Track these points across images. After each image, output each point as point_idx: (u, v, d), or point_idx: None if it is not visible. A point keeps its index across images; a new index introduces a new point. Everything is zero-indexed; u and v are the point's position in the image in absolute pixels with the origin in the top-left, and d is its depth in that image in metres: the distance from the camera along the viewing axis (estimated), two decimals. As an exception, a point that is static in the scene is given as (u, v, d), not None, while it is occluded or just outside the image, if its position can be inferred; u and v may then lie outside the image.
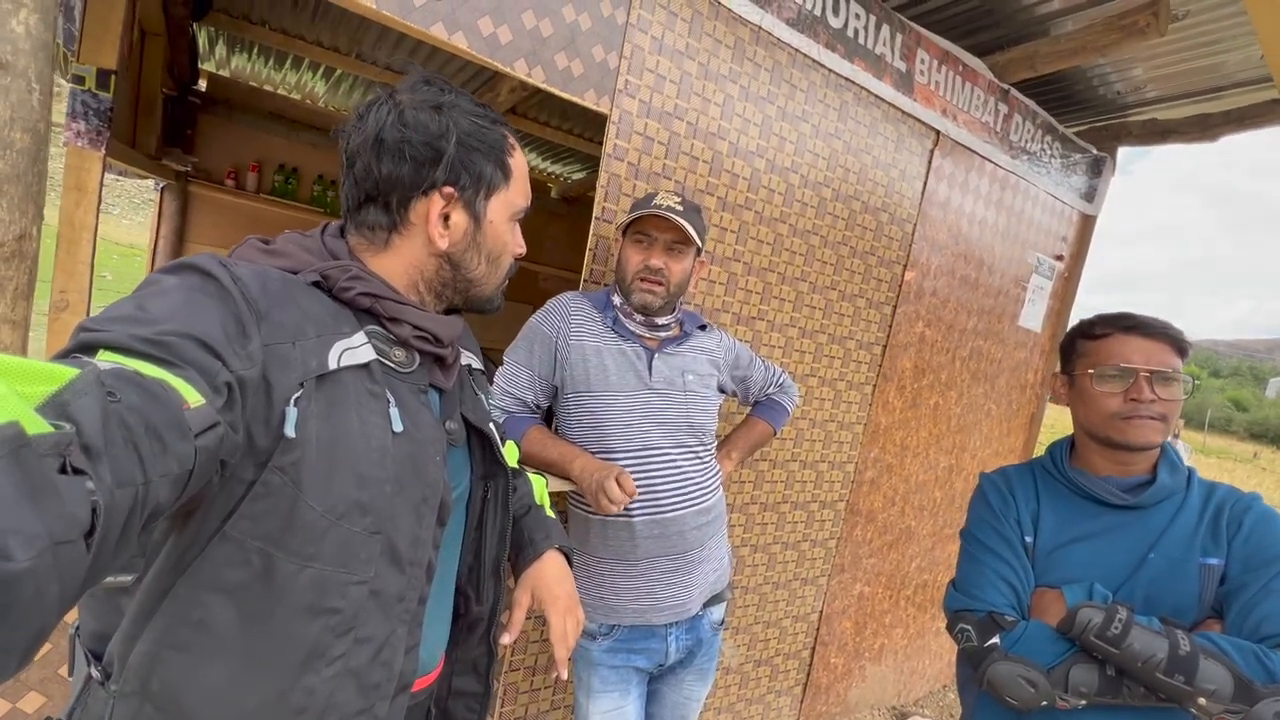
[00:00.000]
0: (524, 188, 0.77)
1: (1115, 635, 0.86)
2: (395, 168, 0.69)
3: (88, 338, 0.48)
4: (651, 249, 1.31)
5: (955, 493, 2.81)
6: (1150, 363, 0.98)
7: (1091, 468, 1.06)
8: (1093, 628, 0.88)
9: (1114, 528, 1.01)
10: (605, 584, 1.35)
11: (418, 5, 1.21)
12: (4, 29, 0.88)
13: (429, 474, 0.70)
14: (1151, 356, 0.99)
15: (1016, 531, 1.07)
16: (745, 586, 2.14)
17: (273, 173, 3.86)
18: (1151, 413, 0.97)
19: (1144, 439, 0.98)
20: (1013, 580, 1.03)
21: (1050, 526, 1.06)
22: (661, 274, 1.30)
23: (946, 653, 3.08)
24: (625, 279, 1.33)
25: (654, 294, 1.31)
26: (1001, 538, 1.07)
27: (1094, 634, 0.87)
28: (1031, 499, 1.09)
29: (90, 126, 1.65)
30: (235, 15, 3.07)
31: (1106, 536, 1.01)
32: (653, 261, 1.30)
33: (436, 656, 0.85)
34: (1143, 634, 0.86)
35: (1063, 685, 0.90)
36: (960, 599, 1.06)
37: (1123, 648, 0.85)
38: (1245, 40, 2.17)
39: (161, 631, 0.58)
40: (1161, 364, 0.98)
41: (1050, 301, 2.95)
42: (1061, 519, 1.06)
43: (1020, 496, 1.10)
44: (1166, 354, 0.99)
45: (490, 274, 0.77)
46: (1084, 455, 1.08)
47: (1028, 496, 1.10)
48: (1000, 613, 1.00)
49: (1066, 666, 0.91)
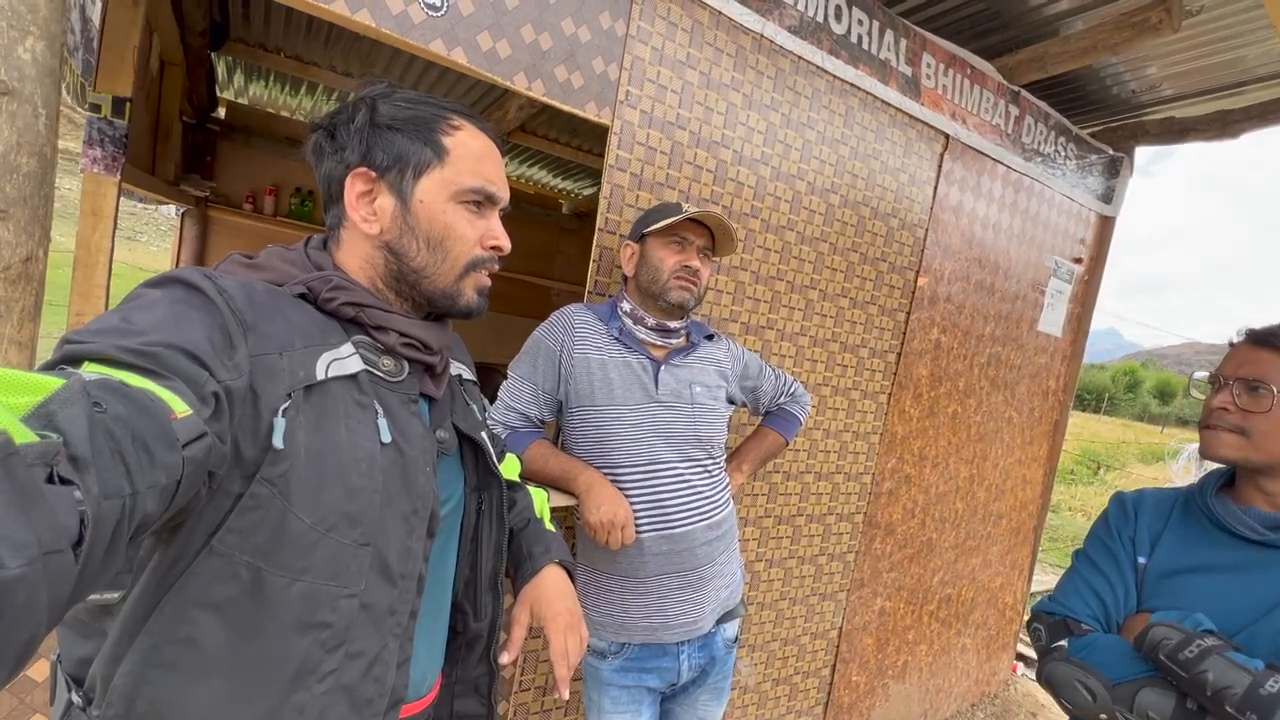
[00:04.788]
0: (474, 168, 0.72)
1: (1187, 659, 0.79)
2: (323, 162, 0.72)
3: (73, 349, 0.48)
4: (686, 250, 1.33)
5: (977, 503, 2.74)
6: (1240, 370, 0.92)
7: (1240, 498, 0.95)
8: (1165, 647, 0.81)
9: (1246, 565, 0.91)
10: (614, 601, 1.32)
11: (417, 23, 1.22)
12: (11, 56, 0.90)
13: (418, 484, 0.69)
14: (1243, 364, 0.92)
15: (1128, 550, 1.00)
16: (761, 602, 2.09)
17: (289, 196, 3.93)
18: (1224, 423, 0.91)
19: (1211, 450, 0.93)
20: (1103, 593, 0.98)
21: (1168, 550, 0.97)
22: (697, 275, 1.32)
23: (974, 670, 2.98)
24: (660, 278, 1.32)
25: (690, 292, 1.33)
26: (1108, 553, 1.02)
27: (1164, 653, 0.81)
28: (1159, 521, 1.01)
29: (106, 153, 1.69)
30: (251, 44, 3.16)
31: (1234, 573, 0.91)
32: (692, 262, 1.32)
33: (431, 676, 0.83)
34: (1224, 666, 0.78)
35: (1127, 704, 0.84)
36: (1045, 603, 1.03)
37: (1194, 673, 0.78)
38: (1264, 34, 2.12)
39: (147, 650, 0.57)
40: (1246, 372, 0.91)
41: (1070, 305, 2.88)
42: (1183, 544, 0.97)
43: (1145, 516, 1.02)
44: (1258, 362, 0.91)
45: (435, 262, 0.72)
46: (1239, 484, 0.97)
47: (1156, 518, 1.02)
48: (1077, 619, 0.96)
49: (1135, 686, 0.84)
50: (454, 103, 0.74)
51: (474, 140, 0.73)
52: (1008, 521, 2.92)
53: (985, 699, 3.08)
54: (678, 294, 1.32)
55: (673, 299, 1.32)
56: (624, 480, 1.29)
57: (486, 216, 0.75)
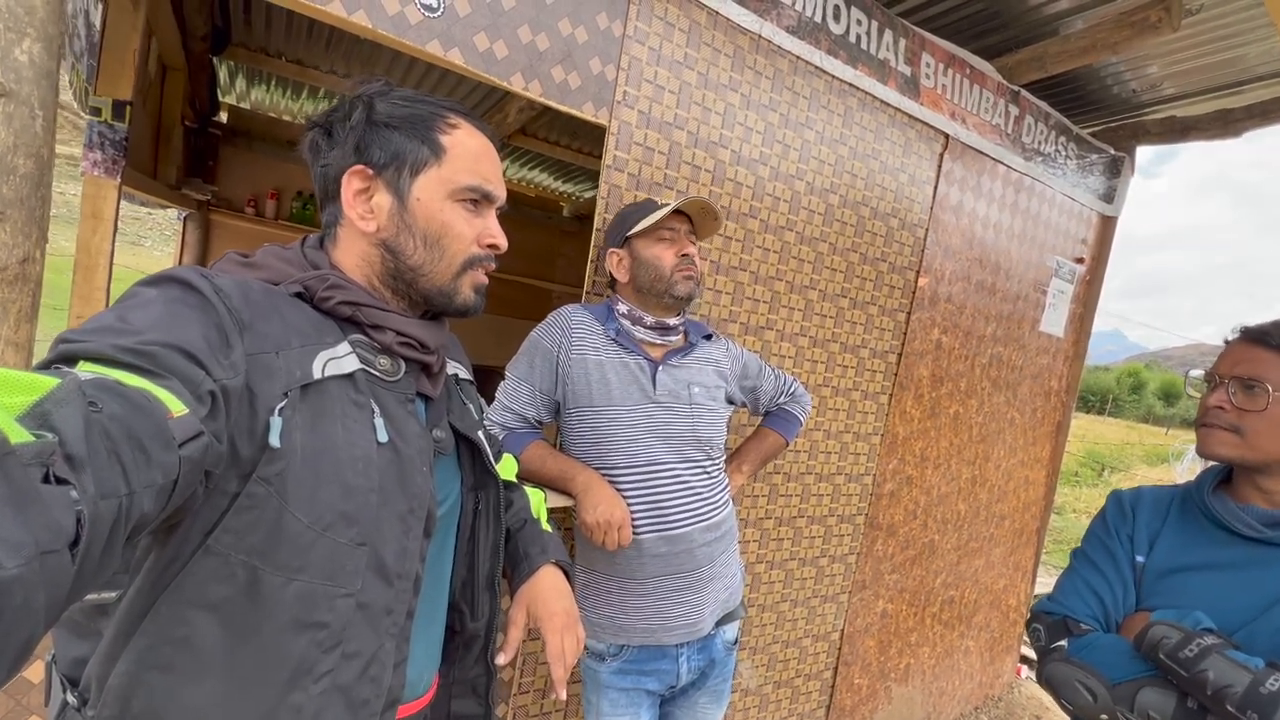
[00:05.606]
0: (471, 166, 0.72)
1: (1187, 658, 0.79)
2: (319, 160, 0.72)
3: (68, 349, 0.48)
4: (678, 241, 1.33)
5: (979, 505, 2.72)
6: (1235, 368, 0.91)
7: (1237, 495, 0.95)
8: (1165, 645, 0.81)
9: (1245, 563, 0.90)
10: (612, 603, 1.31)
11: (413, 24, 1.22)
12: (7, 57, 0.90)
13: (414, 484, 0.69)
14: (1238, 363, 0.91)
15: (1126, 549, 1.00)
16: (762, 605, 2.08)
17: (291, 199, 3.95)
18: (1220, 422, 0.91)
19: (1208, 449, 0.92)
20: (1102, 593, 0.97)
21: (1166, 548, 0.97)
22: (693, 260, 1.34)
23: (977, 673, 2.96)
24: (663, 275, 1.32)
25: (694, 279, 1.34)
26: (1106, 552, 1.01)
27: (1164, 652, 0.81)
28: (1157, 519, 1.00)
29: (106, 156, 1.69)
30: (253, 48, 3.17)
31: (1233, 570, 0.90)
32: (687, 250, 1.33)
33: (427, 676, 0.82)
34: (1224, 665, 0.77)
35: (1128, 704, 0.84)
36: (1044, 603, 1.03)
37: (1194, 672, 0.78)
38: (1264, 32, 2.12)
39: (143, 651, 0.57)
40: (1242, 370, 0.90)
41: (1072, 306, 2.87)
42: (1181, 543, 0.96)
43: (1144, 514, 1.02)
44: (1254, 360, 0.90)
45: (432, 260, 0.72)
46: (1236, 482, 0.96)
47: (1153, 516, 1.01)
48: (1076, 619, 0.96)
49: (1136, 685, 0.84)
50: (451, 101, 0.74)
51: (471, 139, 0.73)
52: (1010, 523, 2.91)
53: (989, 702, 3.06)
54: (684, 285, 1.32)
55: (680, 292, 1.32)
56: (622, 481, 1.28)
57: (483, 215, 0.75)
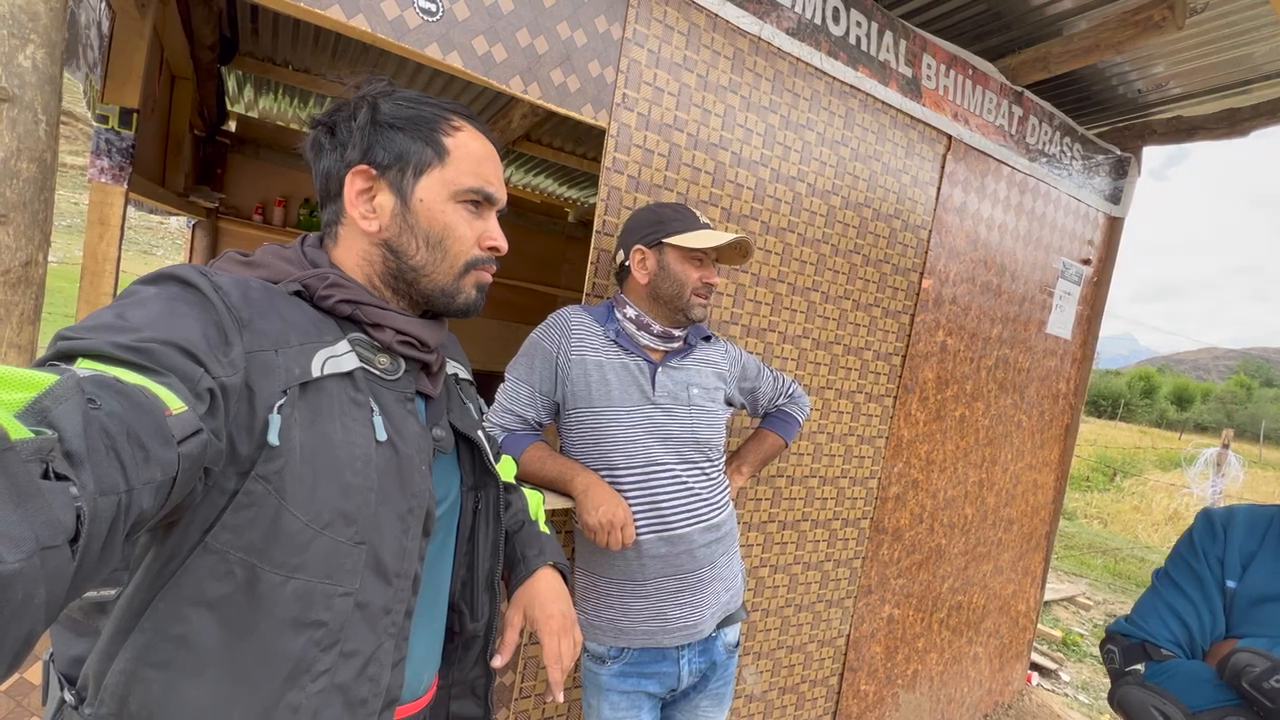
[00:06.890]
0: (474, 169, 0.73)
1: (1273, 689, 0.75)
2: (322, 159, 0.72)
3: (66, 346, 0.48)
4: (706, 265, 1.33)
5: (987, 509, 2.69)
6: None
7: None
8: (1249, 673, 0.78)
9: None
10: (612, 605, 1.30)
11: (412, 27, 1.23)
12: (11, 63, 0.91)
13: (413, 483, 0.69)
14: None
15: (1215, 572, 0.95)
16: (766, 609, 2.06)
17: (298, 207, 3.98)
18: None
19: None
20: (1187, 618, 0.92)
21: (1261, 574, 0.91)
22: (714, 289, 1.34)
23: (986, 680, 2.93)
24: (684, 293, 1.31)
25: (707, 305, 1.35)
26: (1193, 574, 0.96)
27: (1248, 680, 0.77)
28: (1252, 540, 0.95)
29: (113, 163, 1.71)
30: (260, 57, 3.21)
31: None
32: (713, 280, 1.32)
33: (427, 677, 0.82)
34: None
35: None
36: (1121, 623, 0.98)
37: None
38: (1271, 30, 2.10)
39: (140, 649, 0.57)
40: None
41: (1080, 307, 2.84)
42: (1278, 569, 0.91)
43: (1236, 536, 0.96)
44: None
45: (434, 261, 0.72)
46: None
47: (1249, 538, 0.95)
48: (1156, 643, 0.91)
49: (1218, 714, 0.80)
50: (454, 103, 0.75)
51: (474, 141, 0.74)
52: (1019, 527, 2.87)
53: (999, 709, 3.02)
54: (700, 310, 1.33)
55: (695, 315, 1.33)
56: (621, 482, 1.28)
57: (484, 217, 0.75)
